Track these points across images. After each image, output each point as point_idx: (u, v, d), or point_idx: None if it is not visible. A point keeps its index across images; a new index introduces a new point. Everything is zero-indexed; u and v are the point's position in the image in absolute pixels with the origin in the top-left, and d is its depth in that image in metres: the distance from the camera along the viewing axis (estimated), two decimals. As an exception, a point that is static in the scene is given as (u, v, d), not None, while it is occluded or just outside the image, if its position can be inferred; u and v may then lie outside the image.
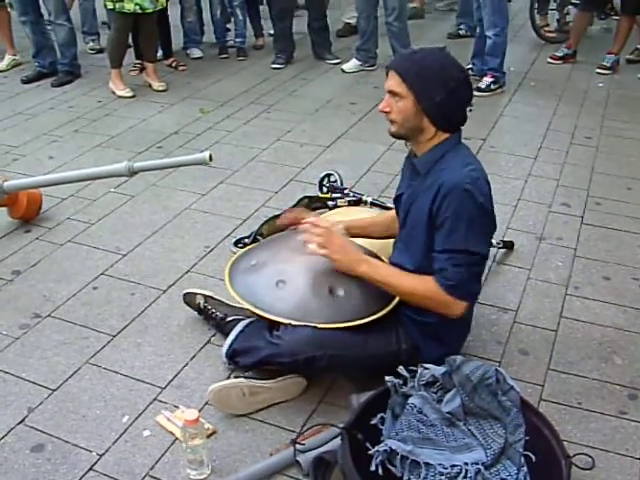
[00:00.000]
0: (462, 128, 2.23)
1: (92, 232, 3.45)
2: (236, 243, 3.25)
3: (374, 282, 2.23)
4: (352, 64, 5.90)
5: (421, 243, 2.20)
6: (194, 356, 2.59)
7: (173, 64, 5.99)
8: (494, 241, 3.03)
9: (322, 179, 3.68)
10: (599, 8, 6.29)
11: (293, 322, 2.20)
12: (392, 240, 2.49)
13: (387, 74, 2.19)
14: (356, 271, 2.22)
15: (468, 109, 2.19)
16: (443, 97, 2.08)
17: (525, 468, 1.95)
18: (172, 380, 2.48)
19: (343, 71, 5.89)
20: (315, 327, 2.18)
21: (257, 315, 2.30)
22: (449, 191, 2.07)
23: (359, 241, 2.57)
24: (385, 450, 1.90)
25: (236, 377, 2.36)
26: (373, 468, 1.88)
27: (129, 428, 2.28)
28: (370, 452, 1.91)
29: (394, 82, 2.13)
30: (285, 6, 5.96)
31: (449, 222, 2.08)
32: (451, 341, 2.37)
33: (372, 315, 2.25)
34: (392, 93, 2.14)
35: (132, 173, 3.11)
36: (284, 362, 2.23)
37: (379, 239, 2.61)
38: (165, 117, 4.96)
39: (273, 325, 2.26)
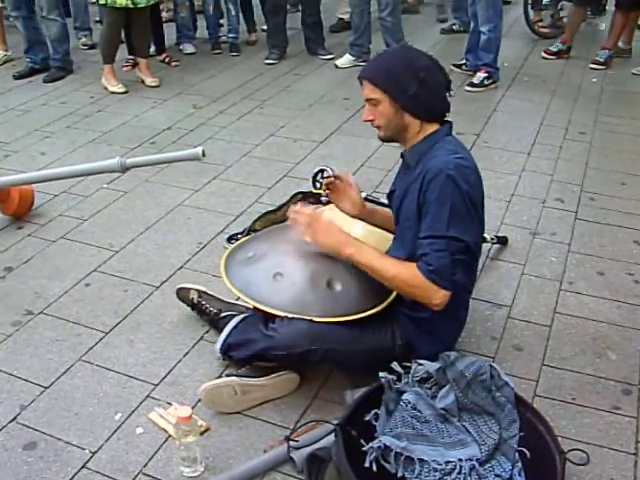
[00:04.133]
0: (455, 123, 2.23)
1: (84, 228, 3.43)
2: (229, 239, 3.24)
3: (359, 265, 2.20)
4: (345, 59, 5.89)
5: (413, 235, 2.18)
6: (187, 353, 2.58)
7: (166, 60, 5.97)
8: (488, 236, 3.03)
9: (315, 175, 3.65)
10: (594, 4, 6.28)
11: (289, 315, 2.19)
12: (388, 237, 2.50)
13: (361, 84, 2.22)
14: (342, 253, 2.19)
15: (448, 94, 2.21)
16: (416, 88, 2.11)
17: (519, 464, 1.95)
18: (165, 377, 2.47)
19: (336, 67, 5.87)
20: (311, 320, 2.17)
21: (253, 307, 2.29)
22: (433, 176, 2.07)
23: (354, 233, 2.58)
24: (379, 446, 1.90)
25: (228, 375, 2.35)
26: (367, 464, 1.87)
27: (122, 425, 2.27)
28: (364, 448, 1.90)
29: (368, 89, 2.19)
30: (278, 1, 5.94)
31: (432, 208, 2.08)
32: (446, 337, 2.36)
33: (368, 310, 2.24)
34: (369, 100, 2.20)
35: (125, 169, 3.10)
36: (279, 355, 2.21)
37: (382, 229, 2.60)
38: (158, 113, 4.94)
39: (269, 318, 2.25)
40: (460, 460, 1.92)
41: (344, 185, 2.50)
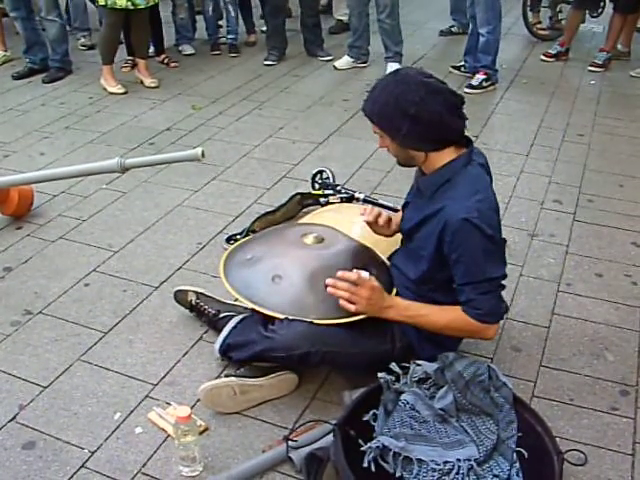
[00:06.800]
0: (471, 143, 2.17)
1: (84, 229, 3.43)
2: (228, 240, 3.24)
3: (405, 323, 2.23)
4: (344, 61, 5.89)
5: (427, 265, 2.21)
6: (186, 353, 2.58)
7: (165, 61, 5.97)
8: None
9: (314, 176, 3.68)
10: (592, 6, 6.30)
11: (289, 317, 2.19)
12: (382, 238, 2.52)
13: None
14: (385, 317, 2.21)
15: (457, 115, 2.07)
16: (408, 126, 2.03)
17: (517, 464, 1.96)
18: (164, 377, 2.47)
19: (335, 68, 5.88)
20: (311, 322, 2.17)
21: (252, 309, 2.30)
22: (458, 228, 2.03)
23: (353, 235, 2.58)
24: (378, 446, 1.90)
25: (227, 376, 2.36)
26: (366, 464, 1.88)
27: (121, 425, 2.27)
28: (363, 448, 1.91)
29: (372, 124, 2.16)
30: (278, 3, 5.95)
31: (465, 258, 2.07)
32: (447, 343, 2.33)
33: (368, 312, 2.24)
34: (376, 132, 2.17)
35: (124, 169, 3.10)
36: (278, 357, 2.22)
37: None
38: (157, 114, 4.95)
39: (268, 319, 2.26)
40: (458, 460, 1.93)
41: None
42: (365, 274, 2.17)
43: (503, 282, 2.15)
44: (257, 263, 2.34)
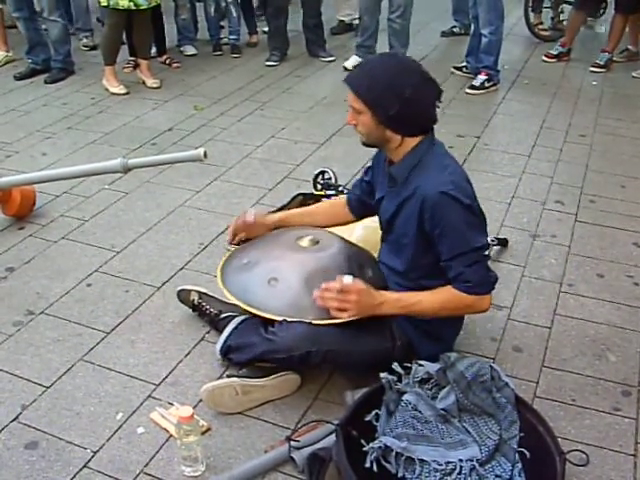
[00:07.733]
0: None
1: (86, 229, 3.44)
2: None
3: (400, 314, 2.23)
4: (353, 60, 5.82)
5: (412, 250, 2.23)
6: (188, 353, 2.59)
7: (167, 61, 5.97)
8: (488, 238, 3.03)
9: (316, 176, 3.68)
10: (594, 7, 6.30)
11: (287, 318, 2.20)
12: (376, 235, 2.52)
13: None
14: (380, 314, 2.21)
15: (436, 106, 2.15)
16: (399, 108, 2.05)
17: (519, 464, 1.96)
18: (166, 377, 2.47)
19: (345, 69, 5.80)
20: (310, 323, 2.18)
21: (251, 313, 2.30)
22: (436, 202, 2.06)
23: (353, 238, 2.58)
24: (380, 447, 1.90)
25: (229, 376, 2.36)
26: (368, 465, 1.88)
27: (123, 425, 2.28)
28: (365, 449, 1.91)
29: (351, 97, 2.15)
30: (280, 4, 5.95)
31: (448, 230, 2.09)
32: (445, 338, 2.38)
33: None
34: (352, 108, 2.16)
35: (127, 170, 3.11)
36: (279, 358, 2.23)
37: (324, 227, 2.59)
38: (159, 114, 4.95)
39: (268, 322, 2.26)
40: (460, 460, 1.93)
41: (250, 226, 2.58)
42: (348, 278, 2.17)
43: (488, 252, 2.18)
44: (254, 267, 2.36)
